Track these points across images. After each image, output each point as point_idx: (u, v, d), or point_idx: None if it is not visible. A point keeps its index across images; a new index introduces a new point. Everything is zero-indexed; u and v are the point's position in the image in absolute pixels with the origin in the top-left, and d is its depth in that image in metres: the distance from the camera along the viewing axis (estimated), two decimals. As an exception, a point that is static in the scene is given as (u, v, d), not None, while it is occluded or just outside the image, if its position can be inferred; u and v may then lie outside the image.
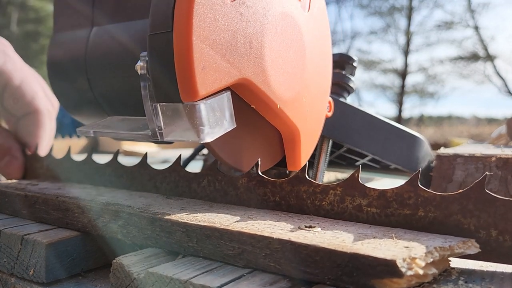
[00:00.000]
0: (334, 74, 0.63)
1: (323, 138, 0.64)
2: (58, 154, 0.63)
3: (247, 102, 0.43)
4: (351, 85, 0.69)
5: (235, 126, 0.40)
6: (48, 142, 0.68)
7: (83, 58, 0.49)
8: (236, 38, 0.39)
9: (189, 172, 0.48)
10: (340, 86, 0.68)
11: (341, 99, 0.65)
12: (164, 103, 0.37)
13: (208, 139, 0.37)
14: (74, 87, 0.50)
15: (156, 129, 0.39)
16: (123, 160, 0.69)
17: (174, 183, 0.49)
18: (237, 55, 0.39)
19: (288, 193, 0.42)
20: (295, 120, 0.48)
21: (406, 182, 0.36)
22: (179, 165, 0.49)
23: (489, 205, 0.32)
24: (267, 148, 0.49)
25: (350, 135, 0.64)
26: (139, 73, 0.38)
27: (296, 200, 0.41)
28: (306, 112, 0.50)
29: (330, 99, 0.60)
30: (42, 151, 0.66)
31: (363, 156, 0.72)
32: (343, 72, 0.68)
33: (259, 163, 0.43)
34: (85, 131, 0.48)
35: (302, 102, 0.49)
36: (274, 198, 0.42)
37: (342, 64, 0.68)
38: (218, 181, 0.45)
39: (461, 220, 0.33)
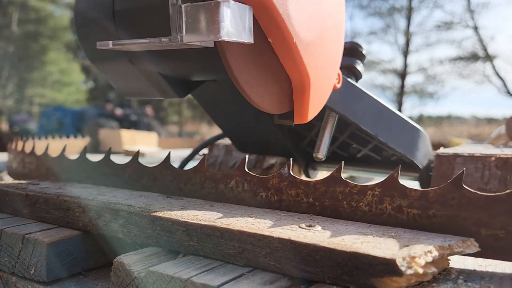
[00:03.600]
0: (344, 59, 0.66)
1: (329, 112, 0.66)
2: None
3: (265, 34, 0.44)
4: (360, 69, 0.73)
5: (252, 42, 0.41)
6: None
7: (110, 5, 0.49)
8: None
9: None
10: (350, 70, 0.72)
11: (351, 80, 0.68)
12: (189, 3, 0.39)
13: (226, 37, 0.38)
14: (102, 37, 0.50)
15: (177, 33, 0.40)
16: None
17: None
18: None
19: (323, 194, 0.40)
20: (308, 65, 0.48)
21: (449, 181, 0.34)
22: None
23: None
24: (281, 93, 0.50)
25: (357, 113, 0.66)
26: None
27: (331, 201, 0.40)
28: (318, 64, 0.51)
29: (340, 72, 0.62)
30: None
31: (365, 144, 0.74)
32: (354, 59, 0.72)
33: (291, 163, 0.43)
34: (104, 44, 0.47)
35: (316, 51, 0.50)
36: (307, 199, 0.42)
37: (352, 51, 0.72)
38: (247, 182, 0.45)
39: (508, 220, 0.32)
